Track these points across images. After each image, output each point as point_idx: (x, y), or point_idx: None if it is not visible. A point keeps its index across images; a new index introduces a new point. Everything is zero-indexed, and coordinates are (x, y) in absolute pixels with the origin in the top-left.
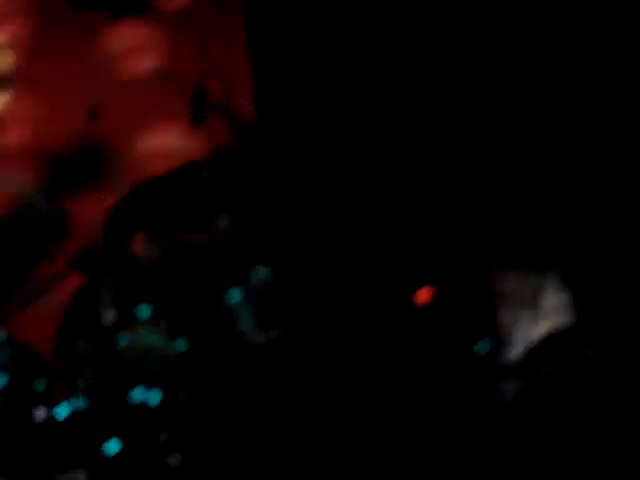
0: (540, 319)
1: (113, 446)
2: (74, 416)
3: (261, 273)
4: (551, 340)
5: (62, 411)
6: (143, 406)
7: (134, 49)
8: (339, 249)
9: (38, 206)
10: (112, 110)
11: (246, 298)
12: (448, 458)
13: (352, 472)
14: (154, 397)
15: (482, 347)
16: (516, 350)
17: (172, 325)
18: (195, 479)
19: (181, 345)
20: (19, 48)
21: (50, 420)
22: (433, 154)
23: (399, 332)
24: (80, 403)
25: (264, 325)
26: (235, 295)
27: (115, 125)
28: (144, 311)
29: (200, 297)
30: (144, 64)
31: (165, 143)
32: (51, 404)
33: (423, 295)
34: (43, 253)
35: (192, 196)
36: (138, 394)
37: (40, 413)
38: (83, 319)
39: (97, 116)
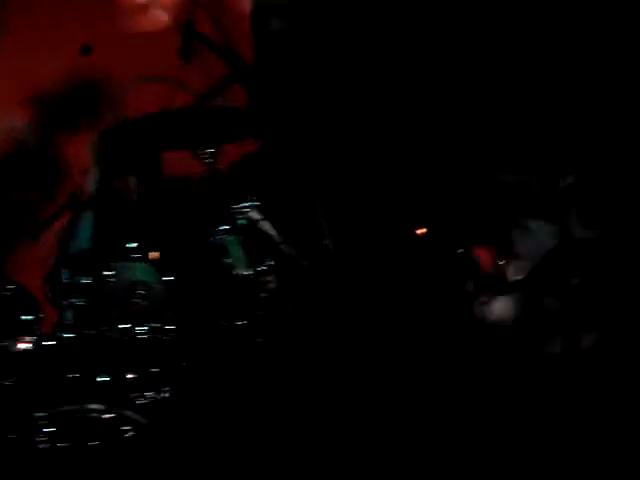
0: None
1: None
2: (62, 347)
3: (251, 207)
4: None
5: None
6: (132, 338)
7: None
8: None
9: (33, 147)
10: (105, 47)
11: (235, 232)
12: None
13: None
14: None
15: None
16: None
17: (161, 259)
18: (183, 413)
19: (170, 278)
20: None
21: (38, 350)
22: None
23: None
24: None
25: (253, 259)
26: (224, 229)
27: (108, 62)
28: (133, 246)
29: (189, 232)
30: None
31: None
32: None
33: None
34: (41, 192)
35: (182, 133)
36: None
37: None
38: (71, 251)
39: (89, 52)
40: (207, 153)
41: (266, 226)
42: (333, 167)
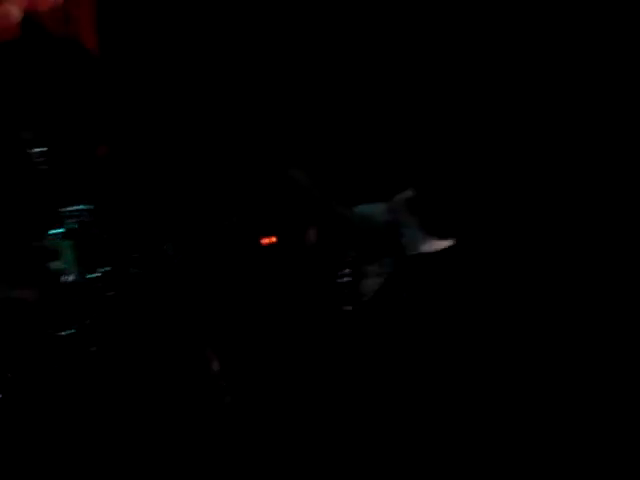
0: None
1: None
2: None
3: (83, 210)
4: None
5: None
6: None
7: None
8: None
9: None
10: None
11: (67, 236)
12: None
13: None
14: None
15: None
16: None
17: None
18: None
19: None
20: None
21: None
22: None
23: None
24: None
25: (85, 265)
26: (55, 233)
27: None
28: None
29: (17, 234)
30: None
31: None
32: None
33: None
34: None
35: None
36: None
37: None
38: None
39: None
40: (37, 153)
41: (99, 231)
42: (174, 169)
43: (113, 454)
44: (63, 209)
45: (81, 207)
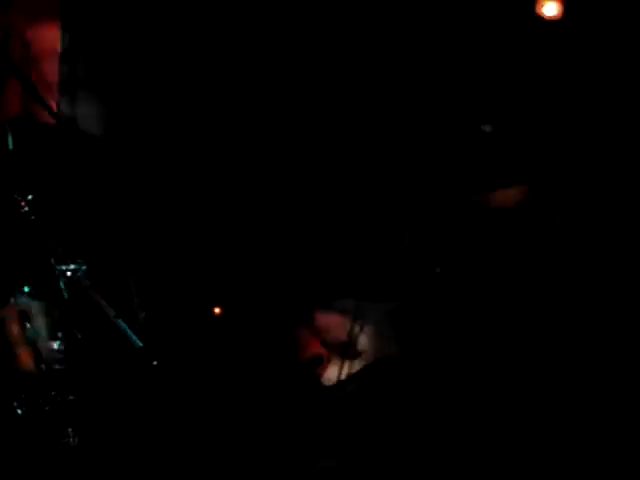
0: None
1: None
2: None
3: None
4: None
5: None
6: None
7: None
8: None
9: None
10: None
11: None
12: None
13: None
14: None
15: None
16: None
17: None
18: None
19: None
20: None
21: None
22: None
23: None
24: None
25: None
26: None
27: None
28: None
29: None
30: None
31: None
32: None
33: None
34: None
35: None
36: None
37: None
38: None
39: None
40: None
41: (95, 294)
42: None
43: None
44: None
45: (76, 266)
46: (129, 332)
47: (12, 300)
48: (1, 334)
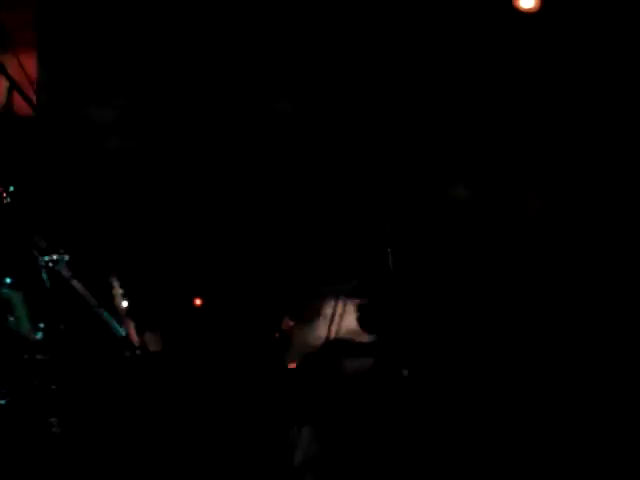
0: None
1: None
2: None
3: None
4: None
5: None
6: None
7: None
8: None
9: None
10: None
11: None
12: None
13: None
14: None
15: None
16: None
17: None
18: None
19: None
20: None
21: None
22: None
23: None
24: None
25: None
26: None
27: None
28: None
29: None
30: None
31: None
32: None
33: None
34: None
35: None
36: None
37: None
38: None
39: None
40: (4, 191)
41: (78, 285)
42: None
43: None
44: (40, 257)
45: (58, 257)
46: (111, 321)
47: None
48: None
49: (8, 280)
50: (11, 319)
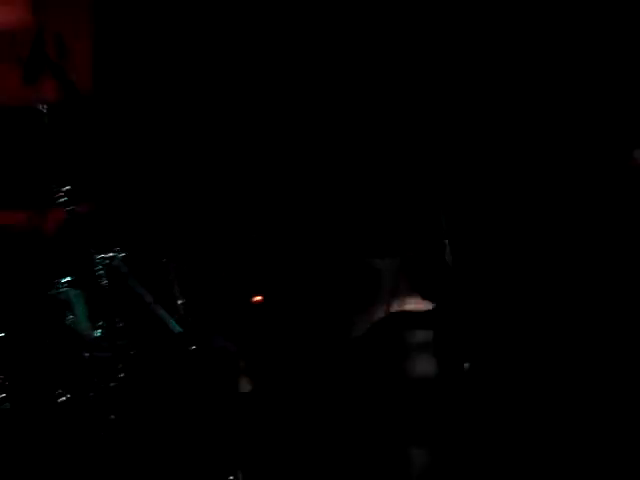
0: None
1: None
2: None
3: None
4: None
5: None
6: None
7: None
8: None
9: None
10: None
11: (81, 287)
12: None
13: None
14: None
15: None
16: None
17: None
18: None
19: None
20: None
21: None
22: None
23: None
24: None
25: (97, 318)
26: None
27: None
28: None
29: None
30: None
31: None
32: None
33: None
34: None
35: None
36: None
37: None
38: None
39: None
40: (62, 191)
41: (134, 282)
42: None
43: None
44: (95, 255)
45: (113, 254)
46: (167, 318)
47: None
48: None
49: (67, 278)
50: (70, 317)
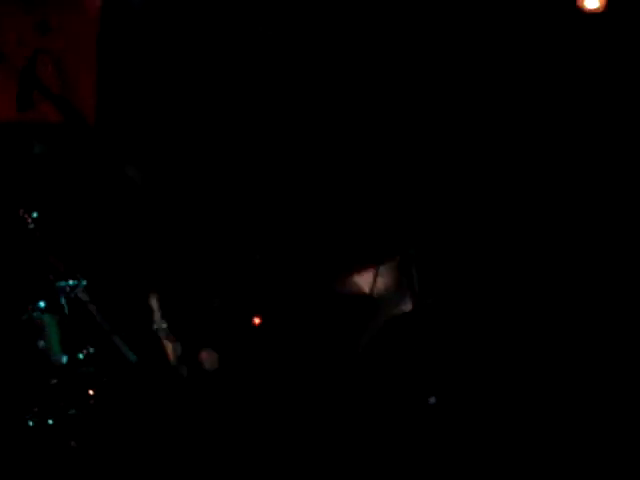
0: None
1: None
2: None
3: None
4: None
5: None
6: None
7: None
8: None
9: None
10: None
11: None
12: None
13: None
14: None
15: None
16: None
17: None
18: None
19: None
20: None
21: None
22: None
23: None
24: None
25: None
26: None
27: None
28: None
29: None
30: None
31: None
32: None
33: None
34: None
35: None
36: None
37: None
38: None
39: None
40: (30, 218)
41: (95, 310)
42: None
43: None
44: (56, 282)
45: (75, 282)
46: (124, 346)
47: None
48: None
49: (42, 304)
50: (41, 343)
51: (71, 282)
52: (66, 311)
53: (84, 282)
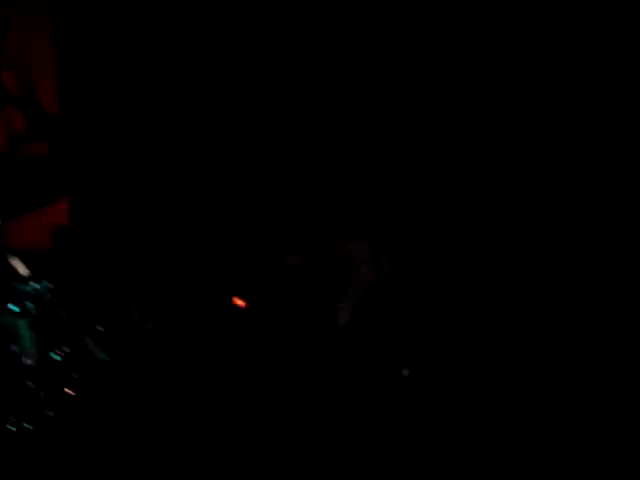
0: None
1: None
2: None
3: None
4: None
5: None
6: None
7: None
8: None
9: None
10: None
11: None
12: None
13: None
14: None
15: None
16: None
17: None
18: None
19: None
20: None
21: None
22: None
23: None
24: None
25: (41, 345)
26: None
27: None
28: None
29: None
30: None
31: None
32: None
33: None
34: None
35: None
36: None
37: None
38: None
39: None
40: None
41: (62, 312)
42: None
43: None
44: (21, 286)
45: (40, 285)
46: (93, 346)
47: None
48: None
49: (13, 308)
50: (15, 347)
51: (35, 285)
52: (34, 313)
53: (47, 284)
